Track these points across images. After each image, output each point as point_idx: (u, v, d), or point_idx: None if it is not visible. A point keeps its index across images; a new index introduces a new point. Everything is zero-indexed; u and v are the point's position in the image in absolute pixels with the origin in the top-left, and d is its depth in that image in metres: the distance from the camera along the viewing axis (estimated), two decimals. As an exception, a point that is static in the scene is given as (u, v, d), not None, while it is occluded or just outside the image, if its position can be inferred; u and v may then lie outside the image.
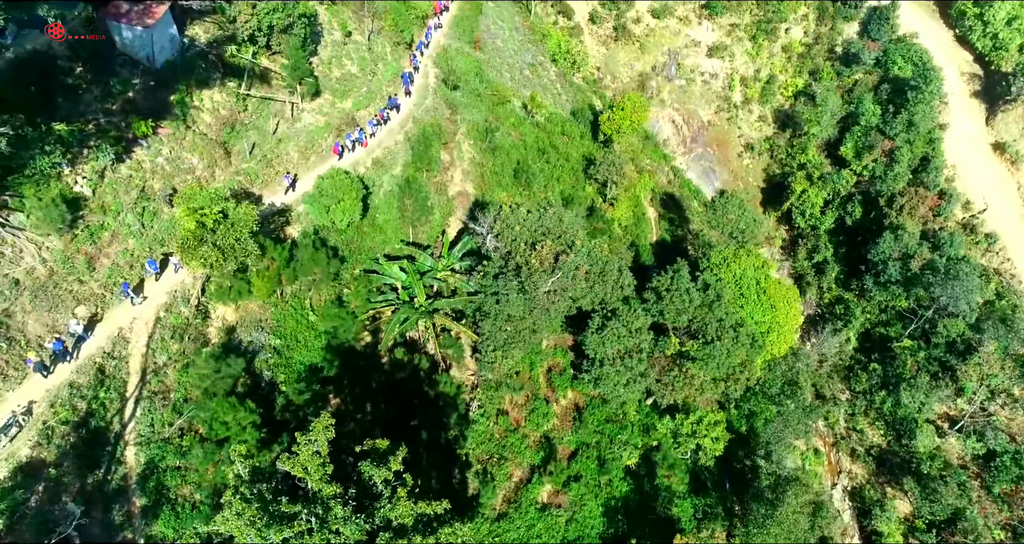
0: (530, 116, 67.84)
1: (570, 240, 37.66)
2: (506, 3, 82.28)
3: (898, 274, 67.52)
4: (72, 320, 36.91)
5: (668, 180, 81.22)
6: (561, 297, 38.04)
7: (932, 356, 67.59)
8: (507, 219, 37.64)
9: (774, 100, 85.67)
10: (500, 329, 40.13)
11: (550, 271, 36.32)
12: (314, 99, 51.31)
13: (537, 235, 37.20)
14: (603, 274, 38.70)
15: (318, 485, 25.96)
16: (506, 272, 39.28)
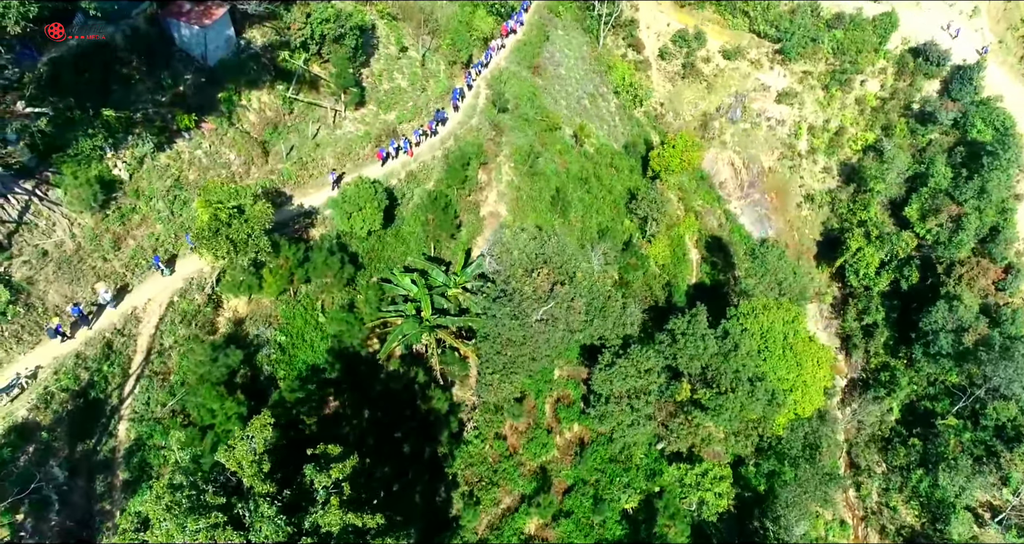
0: (579, 145, 68.45)
1: (571, 271, 37.75)
2: (576, 33, 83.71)
3: (949, 347, 64.42)
4: (102, 288, 39.25)
5: (719, 223, 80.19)
6: (555, 328, 38.10)
7: (978, 439, 64.06)
8: (507, 243, 38.14)
9: (841, 152, 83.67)
10: (498, 353, 40.43)
11: (544, 300, 36.50)
12: (358, 109, 53.38)
13: (537, 262, 37.49)
14: (604, 310, 38.52)
15: (250, 481, 26.74)
16: (501, 296, 39.71)
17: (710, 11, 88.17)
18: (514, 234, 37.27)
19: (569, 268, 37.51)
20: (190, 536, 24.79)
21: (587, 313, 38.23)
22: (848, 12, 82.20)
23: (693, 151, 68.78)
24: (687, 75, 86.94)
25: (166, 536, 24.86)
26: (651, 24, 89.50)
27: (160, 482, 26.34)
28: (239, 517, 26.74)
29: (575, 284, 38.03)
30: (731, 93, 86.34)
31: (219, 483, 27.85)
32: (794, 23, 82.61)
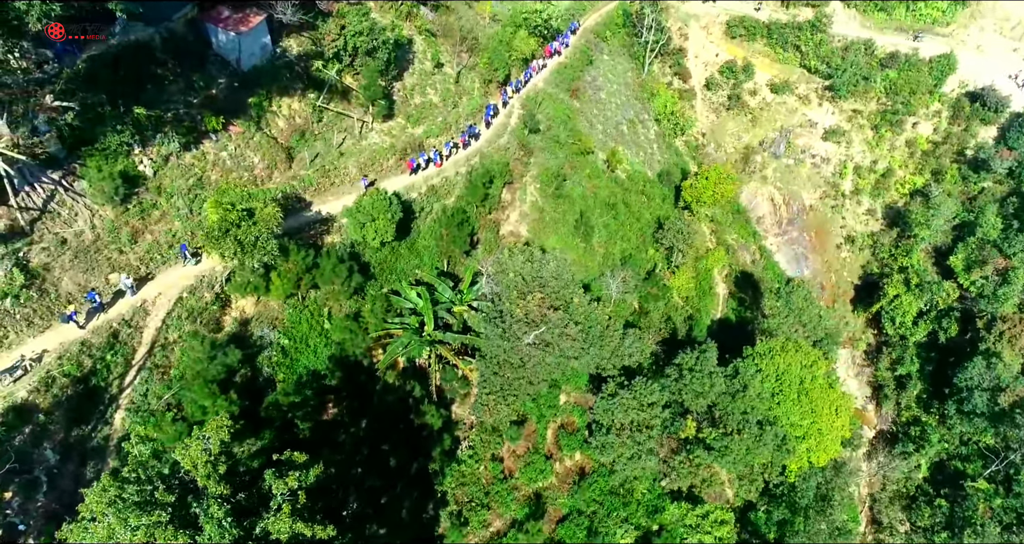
0: (610, 170, 68.45)
1: (568, 296, 37.54)
2: (622, 59, 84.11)
3: (985, 406, 61.90)
4: (123, 275, 40.79)
5: (753, 259, 78.94)
6: (547, 353, 37.88)
7: (1010, 506, 61.11)
8: (504, 264, 38.18)
9: (887, 195, 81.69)
10: (495, 374, 40.42)
11: (535, 324, 36.35)
12: (386, 121, 54.55)
13: (533, 286, 37.41)
14: (602, 339, 38.16)
15: (204, 481, 27.17)
16: (496, 317, 39.78)
17: (761, 44, 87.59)
18: (511, 255, 37.32)
19: (566, 294, 37.33)
20: (130, 533, 25.19)
21: (583, 341, 37.94)
22: (903, 52, 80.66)
23: (726, 184, 68.09)
24: (732, 107, 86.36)
25: (108, 531, 25.34)
26: (699, 54, 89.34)
27: (106, 475, 26.99)
28: (193, 517, 27.16)
29: (571, 310, 37.84)
30: (776, 128, 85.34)
31: (176, 481, 28.36)
32: (846, 60, 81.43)
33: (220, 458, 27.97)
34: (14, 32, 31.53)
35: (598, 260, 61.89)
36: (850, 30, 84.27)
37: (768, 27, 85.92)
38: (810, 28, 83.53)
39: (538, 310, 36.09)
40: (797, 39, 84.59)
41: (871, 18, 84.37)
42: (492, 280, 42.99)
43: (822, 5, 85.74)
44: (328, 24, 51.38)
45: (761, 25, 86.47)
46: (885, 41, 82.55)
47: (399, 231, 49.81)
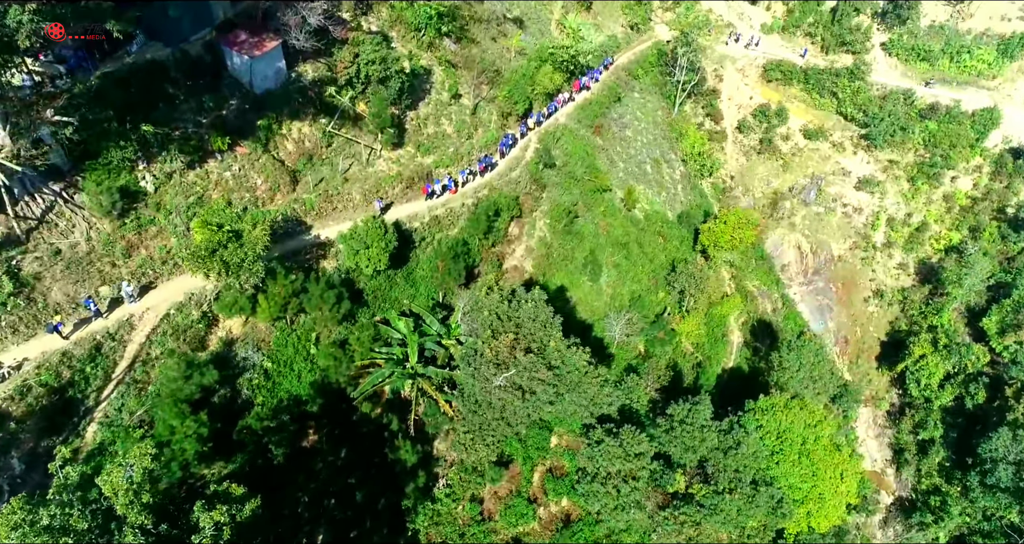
0: (627, 209, 67.57)
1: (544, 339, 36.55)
2: (653, 97, 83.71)
3: (1009, 480, 58.41)
4: (124, 282, 41.49)
5: (773, 308, 76.73)
6: (516, 397, 36.80)
7: (1032, 589, 57.21)
8: (479, 302, 37.41)
9: (920, 250, 78.86)
10: (473, 412, 39.52)
11: (505, 366, 35.39)
12: (395, 149, 54.81)
13: (509, 326, 36.52)
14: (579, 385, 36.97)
15: (123, 510, 26.74)
16: (472, 355, 39.01)
17: (797, 89, 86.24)
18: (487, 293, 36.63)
19: (542, 336, 36.36)
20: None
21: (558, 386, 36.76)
22: (944, 103, 78.46)
23: (746, 229, 66.49)
24: (763, 151, 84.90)
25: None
26: (733, 96, 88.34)
27: (18, 497, 26.81)
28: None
29: (546, 354, 36.82)
30: (807, 174, 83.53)
31: (99, 507, 27.98)
32: (884, 109, 79.55)
33: (143, 486, 27.57)
34: (4, 48, 32.51)
35: (605, 300, 60.82)
36: (890, 79, 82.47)
37: (805, 72, 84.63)
38: (848, 75, 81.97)
39: (509, 352, 35.21)
40: (834, 86, 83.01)
41: (913, 68, 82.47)
42: (467, 318, 42.35)
43: (863, 53, 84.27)
44: (342, 52, 52.07)
45: (798, 70, 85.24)
46: (926, 92, 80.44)
47: (396, 259, 49.70)
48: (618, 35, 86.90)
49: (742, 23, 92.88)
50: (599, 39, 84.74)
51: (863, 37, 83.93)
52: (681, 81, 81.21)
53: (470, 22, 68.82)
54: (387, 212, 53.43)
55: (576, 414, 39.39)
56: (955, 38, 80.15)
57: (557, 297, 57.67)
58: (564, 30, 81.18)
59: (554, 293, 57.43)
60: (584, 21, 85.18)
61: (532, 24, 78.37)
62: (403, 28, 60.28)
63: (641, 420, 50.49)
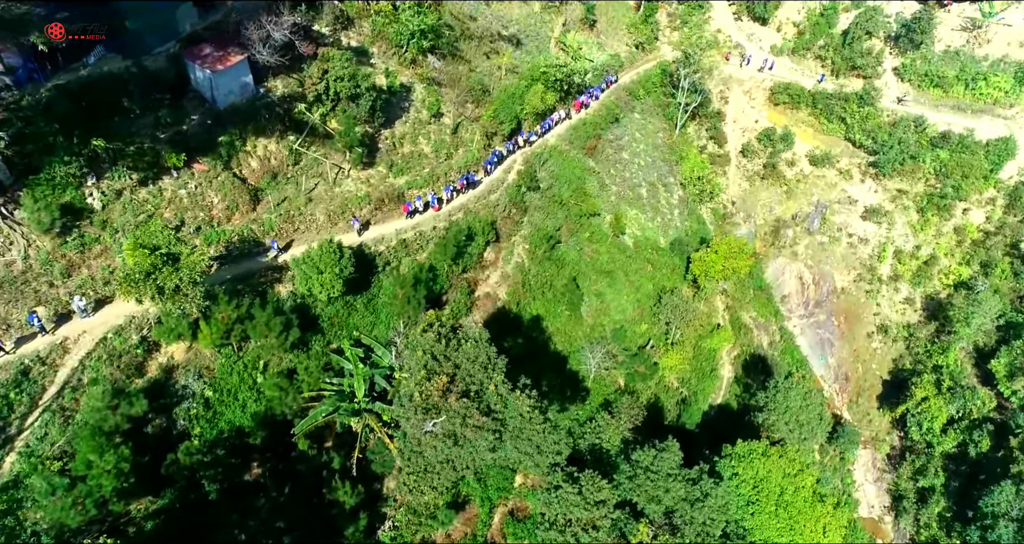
0: (615, 235, 64.39)
1: (484, 381, 33.29)
2: (654, 118, 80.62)
3: (1011, 537, 53.90)
4: (77, 297, 39.44)
5: (770, 341, 72.84)
6: (446, 445, 33.64)
7: None
8: (413, 341, 34.47)
9: (928, 284, 74.46)
10: (415, 452, 36.58)
11: (435, 411, 32.37)
12: (365, 169, 52.34)
13: (447, 366, 33.46)
14: (522, 432, 33.75)
15: None
16: (400, 399, 36.15)
17: (804, 113, 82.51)
18: (423, 331, 33.73)
19: (481, 377, 33.22)
20: None
21: (501, 433, 33.57)
22: (957, 132, 74.21)
23: (739, 259, 62.91)
24: (767, 176, 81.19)
25: None
26: (738, 118, 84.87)
27: None
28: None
29: (485, 397, 33.70)
30: (812, 201, 79.64)
31: None
32: (893, 136, 75.56)
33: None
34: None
35: (585, 331, 57.58)
36: (901, 105, 78.41)
37: (813, 96, 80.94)
38: (857, 100, 78.11)
39: (441, 396, 32.24)
40: (843, 110, 79.18)
41: (926, 94, 78.42)
42: (401, 358, 39.52)
43: (874, 77, 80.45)
44: (311, 67, 49.83)
45: (806, 93, 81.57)
46: (938, 119, 76.29)
47: (357, 284, 47.13)
48: (621, 54, 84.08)
49: (751, 44, 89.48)
50: (601, 57, 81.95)
51: (874, 61, 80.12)
52: (682, 103, 77.98)
53: (460, 39, 66.49)
54: (365, 232, 51.01)
55: (522, 462, 36.28)
56: (971, 64, 76.04)
57: (532, 327, 54.68)
58: (564, 48, 78.49)
59: (529, 322, 54.46)
60: (587, 39, 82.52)
61: (530, 41, 75.87)
62: (385, 44, 58.08)
63: (613, 461, 47.23)
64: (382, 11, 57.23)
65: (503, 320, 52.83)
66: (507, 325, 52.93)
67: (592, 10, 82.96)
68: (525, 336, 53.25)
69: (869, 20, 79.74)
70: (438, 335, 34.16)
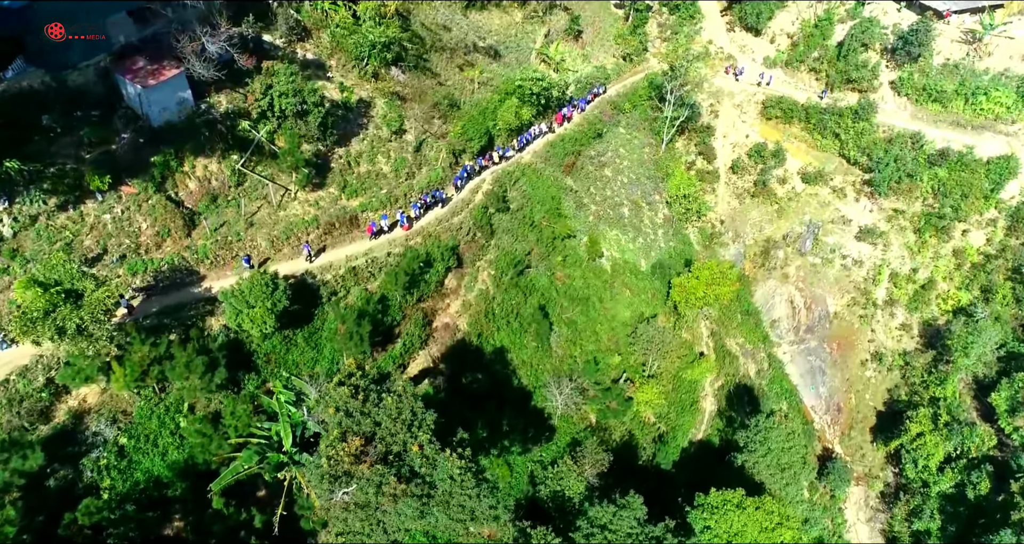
0: (590, 258, 60.06)
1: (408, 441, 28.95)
2: (640, 133, 76.28)
3: (1012, 591, 49.12)
4: None
5: (758, 369, 68.24)
6: (358, 517, 29.41)
7: None
8: (327, 395, 30.22)
9: (926, 310, 69.74)
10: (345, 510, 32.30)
11: (347, 477, 28.14)
12: (315, 190, 48.21)
13: (366, 423, 29.21)
14: (450, 496, 29.42)
15: None
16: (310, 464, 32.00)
17: (797, 128, 78.01)
18: (338, 384, 29.53)
19: (405, 438, 28.94)
20: None
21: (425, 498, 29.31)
22: (956, 149, 69.57)
23: (722, 285, 58.40)
24: (757, 194, 76.68)
25: None
26: (728, 133, 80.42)
27: None
28: None
29: (408, 459, 29.42)
30: (804, 221, 75.03)
31: None
32: (889, 153, 70.97)
33: None
34: None
35: (554, 363, 53.23)
36: (899, 120, 73.87)
37: (807, 110, 76.47)
38: (852, 115, 73.58)
39: (352, 462, 28.03)
40: (837, 126, 74.66)
41: (924, 109, 73.79)
42: (313, 416, 35.30)
43: (870, 91, 75.91)
44: (255, 82, 45.81)
45: (799, 107, 77.11)
46: (937, 135, 71.62)
47: (297, 318, 42.98)
48: (608, 66, 79.94)
49: (744, 56, 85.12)
50: (586, 69, 77.93)
51: (870, 74, 75.55)
52: (669, 117, 73.65)
53: (430, 50, 62.50)
54: (318, 258, 46.96)
55: (453, 529, 31.95)
56: (971, 78, 71.42)
57: (496, 360, 50.38)
58: (547, 60, 74.38)
59: (492, 355, 50.15)
60: (571, 50, 78.43)
61: (510, 53, 71.82)
62: (345, 57, 54.07)
63: (576, 510, 42.84)
64: (341, 22, 53.21)
65: (463, 353, 48.60)
66: (467, 358, 48.70)
67: (578, 21, 78.93)
68: (486, 370, 48.98)
69: (865, 32, 75.22)
70: (355, 389, 29.88)
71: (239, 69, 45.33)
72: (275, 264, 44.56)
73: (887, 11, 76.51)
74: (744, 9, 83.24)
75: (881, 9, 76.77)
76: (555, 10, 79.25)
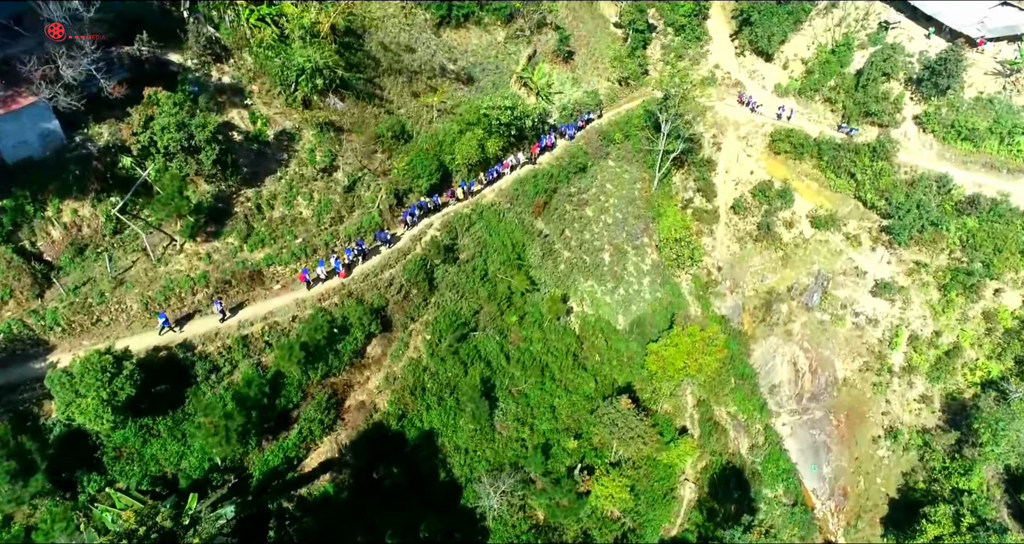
0: (554, 317, 50.99)
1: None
2: (632, 166, 67.23)
3: None
4: None
5: (751, 444, 58.49)
6: None
7: None
8: None
9: (950, 380, 59.35)
10: None
11: None
12: (209, 240, 39.87)
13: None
14: None
15: None
16: None
17: (808, 165, 68.34)
18: None
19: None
20: None
21: None
22: (989, 195, 59.37)
23: (708, 354, 49.01)
24: (761, 238, 67.09)
25: None
26: (731, 168, 71.01)
27: None
28: None
29: None
30: (812, 271, 65.18)
31: None
32: (911, 198, 60.98)
33: None
34: None
35: (497, 448, 44.12)
36: (923, 160, 63.81)
37: (819, 145, 66.82)
38: (870, 152, 63.80)
39: None
40: (853, 164, 64.89)
41: (953, 148, 63.59)
42: None
43: (891, 126, 65.98)
44: (134, 113, 37.71)
45: (811, 142, 67.52)
46: (967, 179, 61.41)
47: (161, 402, 34.55)
48: (601, 90, 71.14)
49: (753, 82, 75.79)
50: (575, 95, 69.18)
51: (892, 107, 65.62)
52: (661, 150, 64.58)
53: (383, 74, 54.21)
54: (236, 315, 38.72)
55: None
56: (1007, 115, 61.09)
57: (422, 446, 41.48)
58: (529, 84, 65.67)
59: (417, 441, 41.29)
60: (559, 73, 69.69)
61: (486, 77, 63.26)
62: (269, 82, 45.95)
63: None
64: (264, 41, 45.14)
65: (380, 439, 39.81)
66: (385, 446, 39.90)
67: (567, 40, 70.18)
68: (408, 461, 40.11)
69: (887, 60, 65.41)
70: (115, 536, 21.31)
71: (131, 96, 37.29)
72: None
73: (913, 37, 66.56)
74: (755, 31, 73.99)
75: (906, 35, 66.85)
76: (545, 29, 70.54)
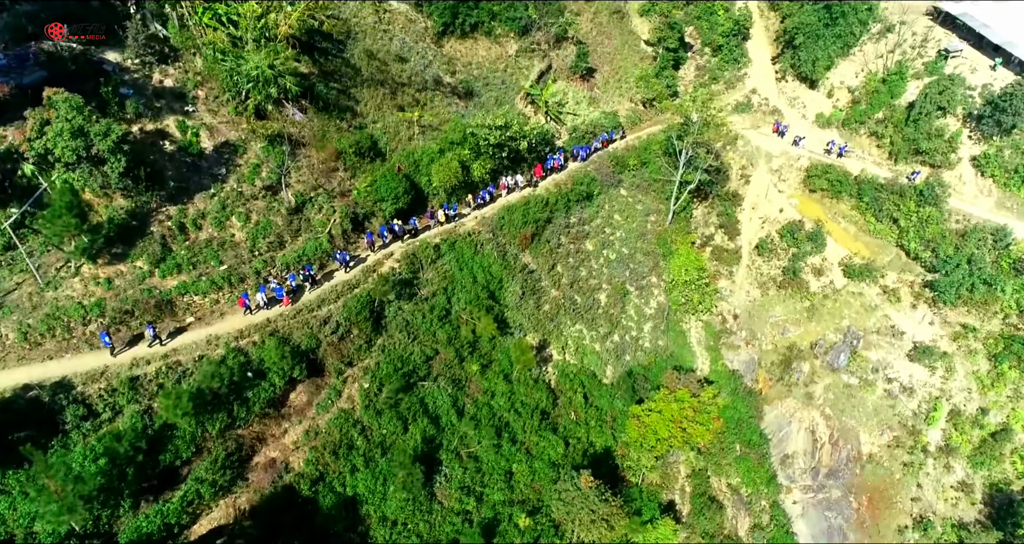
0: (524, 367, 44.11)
1: None
2: (647, 197, 60.28)
3: None
4: None
5: (753, 525, 50.26)
6: None
7: None
8: None
9: (996, 468, 50.13)
10: None
11: None
12: (113, 263, 34.60)
13: None
14: None
15: None
16: None
17: (847, 206, 60.01)
18: None
19: None
20: None
21: None
22: (1056, 255, 50.17)
23: (699, 423, 41.40)
24: (786, 285, 58.96)
25: None
26: (759, 204, 63.03)
27: None
28: None
29: None
30: (841, 326, 56.70)
31: None
32: (962, 251, 52.26)
33: None
34: None
35: (434, 522, 37.40)
36: (978, 208, 54.92)
37: (860, 184, 58.53)
38: (917, 196, 55.23)
39: None
40: (896, 208, 56.36)
41: (1015, 196, 54.51)
42: None
43: (944, 167, 57.24)
44: (31, 118, 32.79)
45: (851, 180, 59.29)
46: (1029, 232, 52.39)
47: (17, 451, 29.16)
48: (621, 112, 64.53)
49: (793, 110, 67.95)
50: (592, 115, 62.77)
51: (947, 146, 56.86)
52: (678, 180, 57.39)
53: (362, 85, 48.72)
54: (174, 340, 33.65)
55: None
56: (1084, 161, 51.99)
57: (339, 516, 35.08)
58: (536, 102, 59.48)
59: (334, 510, 34.89)
60: (574, 91, 63.36)
61: (488, 92, 57.44)
62: (218, 87, 40.82)
63: None
64: (215, 43, 40.04)
65: (289, 505, 33.63)
66: (295, 513, 33.68)
67: (586, 57, 63.76)
68: (320, 533, 33.79)
69: (944, 92, 56.78)
70: None
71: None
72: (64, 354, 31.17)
73: (976, 68, 57.75)
74: (798, 55, 66.33)
75: (969, 66, 58.09)
76: (564, 44, 64.28)
